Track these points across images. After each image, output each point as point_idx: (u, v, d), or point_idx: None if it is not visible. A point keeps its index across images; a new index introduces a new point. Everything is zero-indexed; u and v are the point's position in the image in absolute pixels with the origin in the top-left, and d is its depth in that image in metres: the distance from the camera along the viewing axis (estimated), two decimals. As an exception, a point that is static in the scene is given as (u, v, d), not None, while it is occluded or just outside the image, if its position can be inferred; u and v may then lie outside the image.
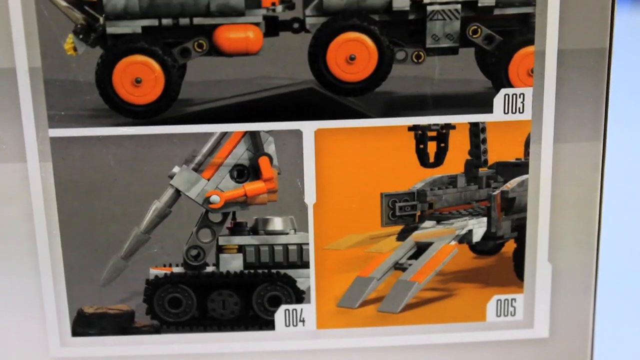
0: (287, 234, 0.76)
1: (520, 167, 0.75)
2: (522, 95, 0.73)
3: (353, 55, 0.72)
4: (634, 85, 1.08)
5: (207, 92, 0.72)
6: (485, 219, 0.77)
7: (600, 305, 0.77)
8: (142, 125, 0.72)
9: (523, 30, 0.72)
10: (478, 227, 0.77)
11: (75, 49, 0.71)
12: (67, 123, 0.72)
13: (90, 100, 0.72)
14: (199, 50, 0.72)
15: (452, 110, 0.73)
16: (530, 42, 0.72)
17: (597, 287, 0.76)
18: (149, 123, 0.72)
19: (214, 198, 0.74)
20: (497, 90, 0.73)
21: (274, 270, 0.76)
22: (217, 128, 0.72)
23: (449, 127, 0.74)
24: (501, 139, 0.74)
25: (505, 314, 0.77)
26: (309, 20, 0.72)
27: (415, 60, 0.73)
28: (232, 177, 0.75)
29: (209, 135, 0.73)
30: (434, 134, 0.74)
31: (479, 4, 0.72)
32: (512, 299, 0.77)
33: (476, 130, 0.74)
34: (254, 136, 0.73)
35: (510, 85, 0.73)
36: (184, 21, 0.71)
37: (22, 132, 0.71)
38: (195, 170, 0.74)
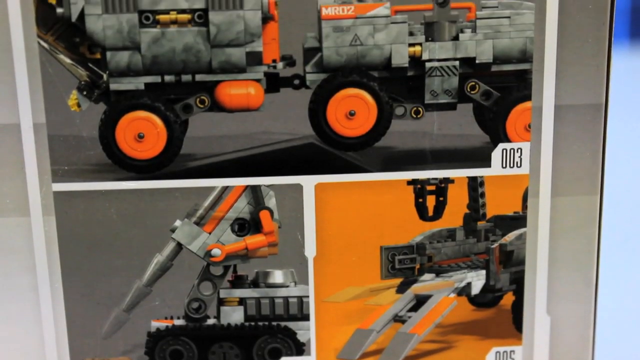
0: (287, 286, 0.76)
1: (518, 221, 0.76)
2: (519, 150, 0.74)
3: (353, 110, 0.73)
4: (630, 139, 1.09)
5: (209, 147, 0.73)
6: (484, 272, 0.77)
7: (598, 358, 0.77)
8: (144, 180, 0.73)
9: (520, 87, 0.73)
10: (477, 280, 0.77)
11: (79, 105, 0.72)
12: (70, 177, 0.72)
13: (94, 155, 0.72)
14: (201, 106, 0.73)
15: (451, 165, 0.74)
16: (528, 97, 0.73)
17: (595, 339, 0.77)
18: (152, 177, 0.73)
19: (215, 251, 0.75)
20: (495, 145, 0.74)
21: (274, 323, 0.77)
22: (219, 182, 0.73)
23: (447, 181, 0.74)
24: (499, 193, 0.75)
25: (504, 366, 0.77)
26: (310, 77, 0.73)
27: (414, 116, 0.74)
28: (233, 230, 0.76)
29: (210, 189, 0.74)
30: (432, 188, 0.74)
31: (477, 61, 0.73)
32: (511, 351, 0.77)
33: (474, 184, 0.75)
34: (255, 190, 0.74)
35: (508, 140, 0.74)
36: (186, 78, 0.72)
37: (26, 187, 0.72)
38: (197, 223, 0.75)
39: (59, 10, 0.70)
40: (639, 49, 1.87)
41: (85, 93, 0.72)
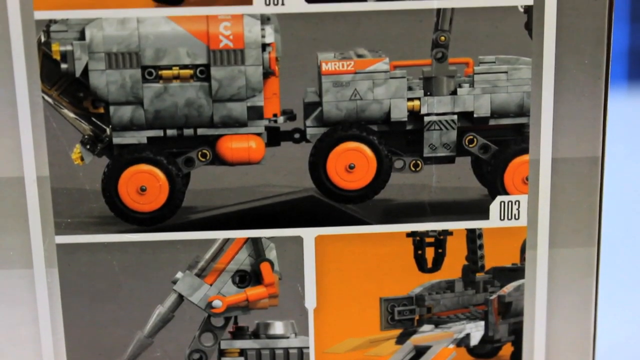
0: (287, 337, 0.77)
1: (516, 272, 0.76)
2: (517, 203, 0.75)
3: (352, 164, 0.74)
4: (627, 192, 1.10)
5: (211, 200, 0.74)
6: (482, 323, 0.78)
7: (597, 408, 0.78)
8: (146, 232, 0.74)
9: (518, 140, 0.74)
10: (476, 331, 0.78)
11: (82, 159, 0.73)
12: (73, 230, 0.73)
13: (96, 208, 0.73)
14: (203, 159, 0.74)
15: (450, 217, 0.75)
16: (525, 151, 0.74)
17: (593, 389, 0.77)
18: (153, 230, 0.74)
19: (217, 303, 0.76)
20: (493, 198, 0.75)
21: (275, 373, 0.78)
22: (220, 235, 0.74)
23: (446, 233, 0.75)
24: (497, 245, 0.76)
25: (504, 416, 0.78)
26: (310, 131, 0.74)
27: (413, 169, 0.75)
28: (234, 282, 0.76)
29: (212, 241, 0.75)
30: (431, 240, 0.75)
31: (475, 115, 0.74)
32: (510, 402, 0.78)
33: (473, 237, 0.75)
34: (255, 242, 0.75)
35: (506, 193, 0.75)
36: (188, 132, 0.73)
37: (29, 239, 0.73)
38: (198, 275, 0.76)
39: (64, 65, 0.71)
40: (636, 91, 1.88)
41: (88, 147, 0.73)
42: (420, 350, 0.78)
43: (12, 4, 0.69)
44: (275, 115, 0.73)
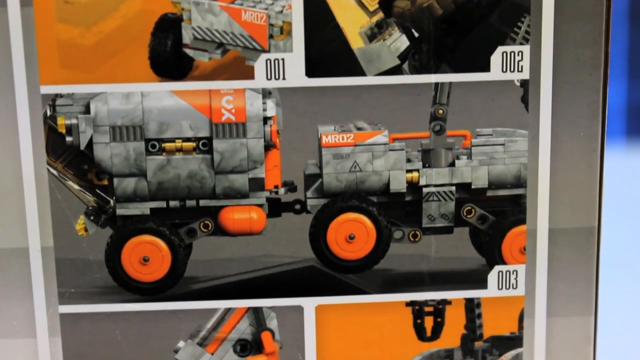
0: (288, 406, 0.78)
1: (514, 341, 0.77)
2: (515, 272, 0.76)
3: (352, 234, 0.75)
4: (623, 261, 1.12)
5: (212, 270, 0.75)
6: (481, 391, 0.79)
7: None
8: (149, 302, 0.75)
9: (515, 211, 0.75)
10: (475, 399, 0.78)
11: (86, 230, 0.74)
12: (76, 300, 0.74)
13: (100, 278, 0.74)
14: (205, 230, 0.75)
15: (448, 287, 0.76)
16: (522, 221, 0.75)
17: None
18: (156, 299, 0.75)
19: (218, 371, 0.77)
20: (491, 267, 0.76)
21: None
22: (221, 304, 0.75)
23: (445, 302, 0.76)
24: (496, 314, 0.76)
25: None
26: (310, 202, 0.75)
27: (412, 239, 0.76)
28: (235, 351, 0.77)
29: (213, 311, 0.75)
30: (430, 309, 0.76)
31: (473, 186, 0.75)
32: None
33: (471, 306, 0.76)
34: (256, 312, 0.76)
35: (504, 263, 0.76)
36: (190, 203, 0.74)
37: (33, 309, 0.74)
38: (200, 344, 0.76)
39: (69, 138, 0.73)
40: (634, 146, 1.89)
41: (92, 218, 0.74)
42: (420, 419, 0.78)
43: (19, 79, 0.71)
44: (276, 187, 0.75)
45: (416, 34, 0.72)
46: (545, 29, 0.72)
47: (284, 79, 0.72)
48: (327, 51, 0.72)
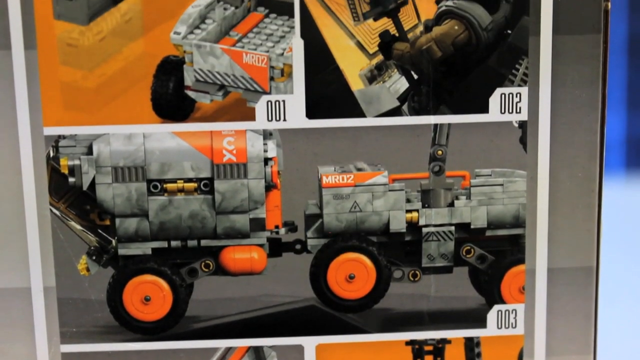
0: None
1: (514, 380, 0.78)
2: (514, 311, 0.76)
3: (352, 274, 0.76)
4: (621, 300, 1.12)
5: (213, 309, 0.75)
6: None
7: None
8: (150, 341, 0.75)
9: (514, 250, 0.76)
10: None
11: (88, 270, 0.74)
12: (78, 339, 0.75)
13: (101, 318, 0.75)
14: (206, 270, 0.75)
15: (448, 326, 0.76)
16: (521, 261, 0.75)
17: None
18: (157, 339, 0.75)
19: (219, 410, 0.77)
20: (490, 307, 0.76)
21: None
22: (222, 343, 0.76)
23: (444, 341, 0.77)
24: (495, 353, 0.77)
25: None
26: (311, 242, 0.76)
27: (412, 279, 0.76)
28: (236, 390, 0.78)
29: (214, 350, 0.76)
30: (430, 348, 0.77)
31: (472, 226, 0.76)
32: None
33: (471, 345, 0.77)
34: (257, 351, 0.76)
35: (503, 302, 0.76)
36: (192, 243, 0.75)
37: (35, 348, 0.74)
38: (201, 383, 0.77)
39: (71, 179, 0.73)
40: (634, 179, 1.90)
41: (94, 258, 0.75)
42: None
43: (22, 120, 0.71)
44: (277, 227, 0.75)
45: (415, 76, 0.73)
46: (543, 71, 0.73)
47: (284, 120, 0.72)
48: (328, 93, 0.72)
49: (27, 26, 0.70)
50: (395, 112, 0.73)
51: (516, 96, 0.73)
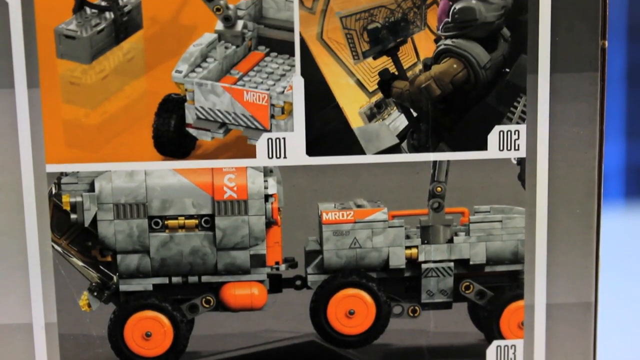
0: None
1: (513, 415, 0.78)
2: (513, 347, 0.76)
3: (352, 310, 0.76)
4: (619, 335, 1.13)
5: (214, 345, 0.76)
6: None
7: None
8: (151, 377, 0.76)
9: (513, 286, 0.76)
10: None
11: (89, 306, 0.75)
12: (79, 375, 0.75)
13: (102, 354, 0.75)
14: (207, 306, 0.76)
15: (447, 361, 0.77)
16: (520, 297, 0.76)
17: None
18: (158, 374, 0.76)
19: None
20: (490, 342, 0.77)
21: None
22: (223, 379, 0.76)
23: (444, 377, 0.77)
24: (494, 388, 0.77)
25: None
26: (311, 278, 0.76)
27: (411, 315, 0.77)
28: None
29: (214, 385, 0.76)
30: (430, 383, 0.77)
31: (471, 262, 0.76)
32: None
33: (470, 380, 0.77)
34: (257, 387, 0.77)
35: (502, 337, 0.77)
36: (192, 279, 0.75)
37: (36, 384, 0.75)
38: (201, 419, 0.77)
39: (73, 216, 0.74)
40: (633, 208, 1.90)
41: (95, 294, 0.75)
42: None
43: (25, 158, 0.72)
44: (277, 263, 0.76)
45: (415, 114, 0.74)
46: (541, 108, 0.73)
47: (285, 157, 0.73)
48: (328, 130, 0.73)
49: (30, 65, 0.71)
50: (394, 149, 0.74)
51: (514, 134, 0.74)
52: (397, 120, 0.74)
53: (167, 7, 0.71)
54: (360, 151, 0.74)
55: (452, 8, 0.72)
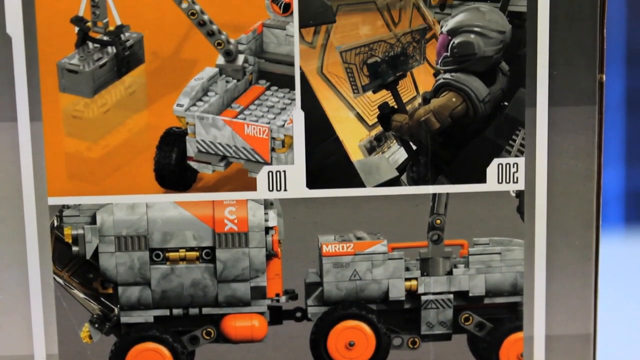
0: None
1: None
2: (512, 379, 0.77)
3: (352, 341, 0.76)
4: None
5: (214, 377, 0.76)
6: None
7: None
8: (151, 409, 0.76)
9: (512, 318, 0.77)
10: None
11: (90, 337, 0.75)
12: (80, 406, 0.75)
13: (104, 385, 0.76)
14: (207, 337, 0.76)
15: (447, 392, 0.77)
16: (519, 328, 0.76)
17: None
18: (159, 406, 0.76)
19: None
20: (489, 374, 0.77)
21: None
22: (223, 411, 0.76)
23: (444, 408, 0.77)
24: (494, 419, 0.78)
25: None
26: (311, 310, 0.77)
27: (411, 346, 0.77)
28: None
29: (215, 417, 0.77)
30: (430, 414, 0.77)
31: (470, 294, 0.77)
32: None
33: (470, 412, 0.77)
34: (258, 418, 0.77)
35: (502, 368, 0.77)
36: (193, 311, 0.75)
37: (38, 415, 0.75)
38: None
39: (75, 248, 0.74)
40: (633, 234, 1.90)
41: (97, 326, 0.75)
42: None
43: (27, 190, 0.73)
44: (277, 295, 0.76)
45: (414, 147, 0.74)
46: (540, 141, 0.74)
47: (285, 190, 0.74)
48: (328, 163, 0.74)
49: (33, 99, 0.71)
50: (394, 182, 0.74)
51: (513, 166, 0.74)
52: (397, 153, 0.75)
53: (168, 41, 0.72)
54: (360, 184, 0.74)
55: (451, 42, 0.73)
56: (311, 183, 0.74)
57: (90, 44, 0.73)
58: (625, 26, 1.87)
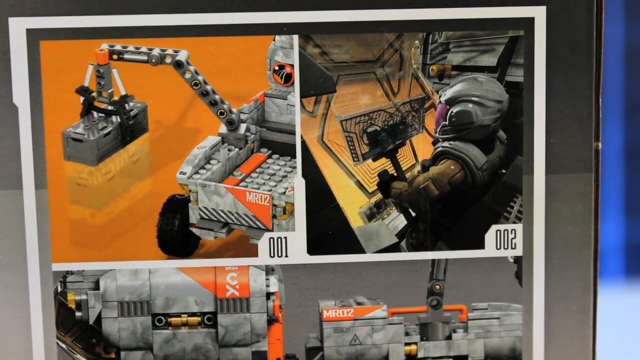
0: None
1: None
2: None
3: (352, 406, 0.77)
4: None
5: None
6: None
7: None
8: None
9: (511, 378, 0.78)
10: None
11: (93, 401, 0.76)
12: None
13: None
14: (209, 402, 0.77)
15: None
16: (518, 391, 0.77)
17: None
18: None
19: None
20: None
21: None
22: None
23: None
24: None
25: None
26: (313, 374, 0.77)
27: (411, 410, 0.78)
28: None
29: None
30: None
31: (469, 359, 0.77)
32: None
33: None
34: None
35: None
36: (195, 374, 0.76)
37: None
38: None
39: (78, 314, 0.75)
40: (632, 286, 1.90)
41: (98, 388, 0.76)
42: None
43: (32, 256, 0.73)
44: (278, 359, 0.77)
45: (413, 214, 0.75)
46: (537, 208, 0.75)
47: (286, 256, 0.75)
48: (328, 230, 0.75)
49: (38, 167, 0.72)
50: (393, 248, 0.75)
51: (511, 232, 0.75)
52: (396, 220, 0.76)
53: (172, 111, 0.73)
54: (360, 250, 0.75)
55: (450, 112, 0.74)
56: (312, 249, 0.75)
57: (95, 114, 0.75)
58: (623, 80, 1.89)
